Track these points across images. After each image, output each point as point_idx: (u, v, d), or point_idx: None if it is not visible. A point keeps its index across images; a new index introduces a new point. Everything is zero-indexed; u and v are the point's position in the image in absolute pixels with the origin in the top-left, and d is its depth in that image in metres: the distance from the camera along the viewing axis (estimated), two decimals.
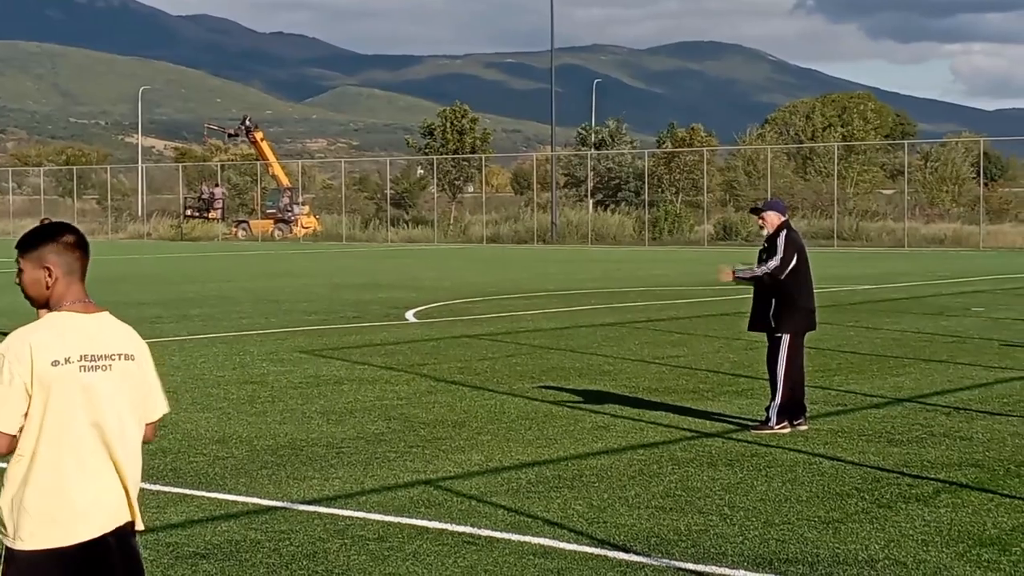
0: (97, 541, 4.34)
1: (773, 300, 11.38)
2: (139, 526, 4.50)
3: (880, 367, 15.63)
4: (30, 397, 4.25)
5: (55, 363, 4.26)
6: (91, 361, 4.33)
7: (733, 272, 11.64)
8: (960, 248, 56.93)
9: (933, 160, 74.17)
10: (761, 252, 11.50)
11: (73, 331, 4.35)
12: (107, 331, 4.43)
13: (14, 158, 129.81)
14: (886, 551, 7.39)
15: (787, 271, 11.27)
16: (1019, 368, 15.46)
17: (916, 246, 57.86)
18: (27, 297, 4.47)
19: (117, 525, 4.40)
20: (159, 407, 4.61)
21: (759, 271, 11.38)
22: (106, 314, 4.46)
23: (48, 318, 4.39)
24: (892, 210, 69.03)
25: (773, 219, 11.53)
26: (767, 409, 11.33)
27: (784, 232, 11.40)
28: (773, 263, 11.27)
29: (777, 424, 11.17)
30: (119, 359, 4.41)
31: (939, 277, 34.79)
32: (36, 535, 4.24)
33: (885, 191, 77.78)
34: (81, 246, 4.46)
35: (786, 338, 11.35)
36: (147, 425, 4.57)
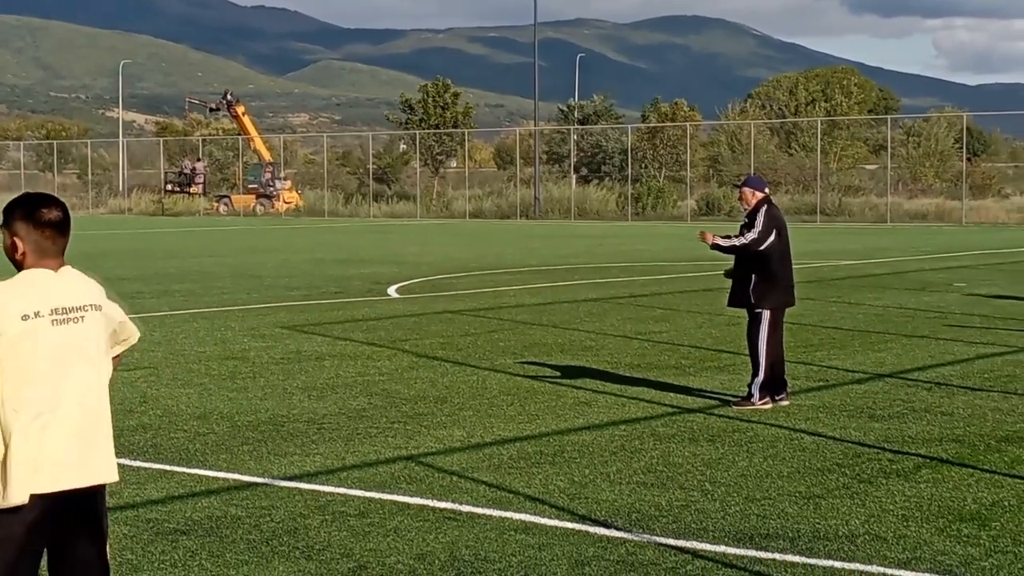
0: (69, 494, 4.47)
1: (753, 276, 11.38)
2: (113, 478, 4.62)
3: (862, 342, 15.65)
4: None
5: (25, 317, 4.40)
6: (62, 314, 4.50)
7: (713, 237, 11.62)
8: (943, 223, 57.08)
9: (916, 135, 74.28)
10: (742, 228, 11.51)
11: (43, 286, 4.51)
12: (74, 285, 4.61)
13: None
14: (866, 526, 7.40)
15: (765, 244, 11.27)
16: (1000, 344, 15.50)
17: (899, 221, 57.98)
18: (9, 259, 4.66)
19: (92, 483, 4.49)
20: (133, 334, 4.89)
21: (737, 242, 11.39)
22: (69, 267, 4.66)
23: (19, 275, 4.56)
24: (875, 185, 69.19)
25: (749, 195, 11.54)
26: (749, 385, 11.35)
27: (764, 207, 11.40)
28: (751, 235, 11.30)
29: (759, 400, 11.18)
30: (90, 310, 4.60)
31: (921, 252, 34.87)
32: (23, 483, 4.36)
33: (868, 166, 77.91)
34: (54, 224, 4.52)
35: (766, 314, 11.36)
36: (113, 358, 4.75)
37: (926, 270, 28.18)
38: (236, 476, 8.70)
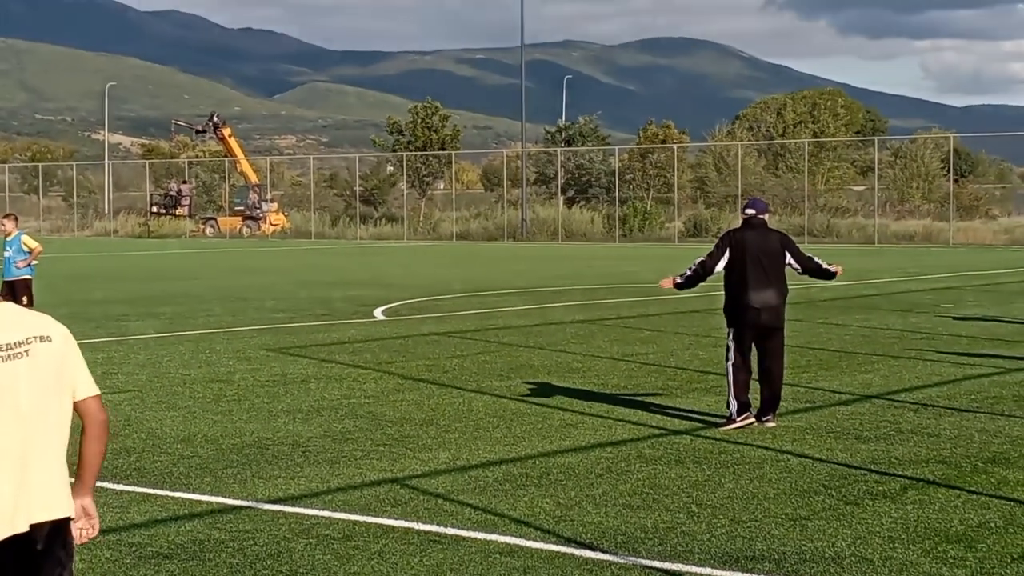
0: (21, 536, 4.21)
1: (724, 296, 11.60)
2: (69, 513, 4.35)
3: (849, 364, 15.65)
4: None
5: None
6: (7, 350, 4.24)
7: (671, 280, 11.77)
8: (930, 244, 57.21)
9: (903, 156, 74.48)
10: None
11: None
12: (19, 318, 4.35)
13: None
14: (853, 548, 7.37)
15: (717, 265, 11.38)
16: (987, 365, 15.50)
17: (886, 242, 58.10)
18: None
19: (46, 519, 4.25)
20: (84, 388, 4.54)
21: (689, 269, 11.59)
22: (11, 303, 4.40)
23: None
24: (862, 207, 69.30)
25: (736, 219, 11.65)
26: (727, 405, 11.41)
27: (729, 230, 11.59)
28: (699, 259, 11.53)
29: (738, 416, 11.19)
30: (36, 341, 4.32)
31: (909, 274, 34.91)
32: None
33: (856, 187, 78.09)
34: None
35: (729, 332, 11.56)
36: (90, 402, 4.50)
37: (913, 291, 28.21)
38: (220, 499, 8.65)
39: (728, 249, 11.48)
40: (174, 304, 24.99)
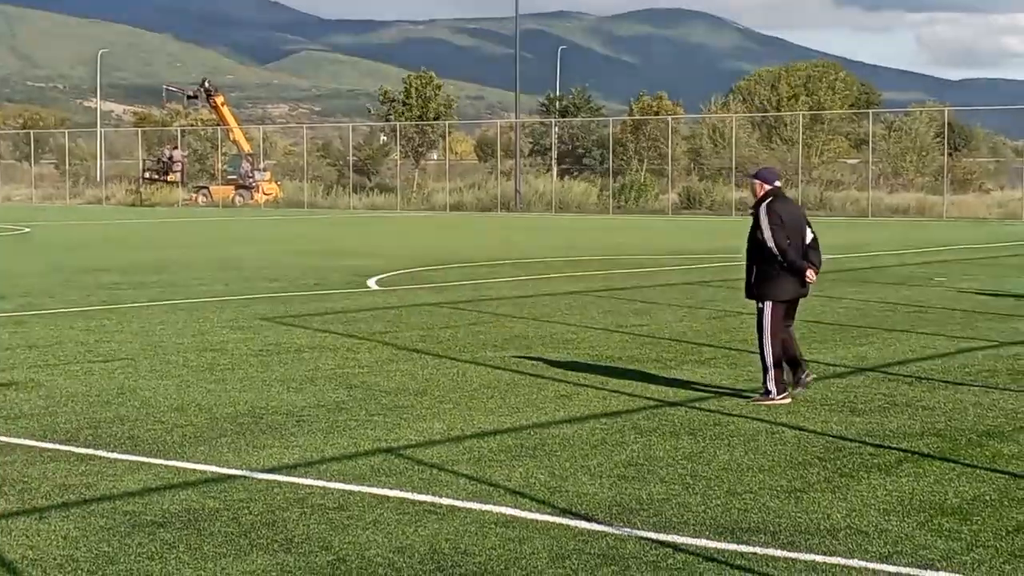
0: None
1: (754, 268, 11.21)
2: None
3: (843, 337, 15.64)
4: None
5: None
6: None
7: (814, 272, 11.26)
8: (924, 218, 57.23)
9: (897, 130, 74.37)
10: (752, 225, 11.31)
11: None
12: None
13: None
14: (848, 520, 7.37)
15: (782, 241, 11.04)
16: (981, 338, 15.51)
17: (880, 216, 58.10)
18: None
19: None
20: None
21: (778, 255, 11.07)
22: None
23: None
24: (856, 180, 69.27)
25: (757, 188, 11.38)
26: (764, 382, 11.16)
27: (766, 203, 11.20)
28: (769, 244, 11.03)
29: (779, 395, 11.02)
30: None
31: (903, 247, 34.92)
32: None
33: (850, 160, 77.97)
34: None
35: (768, 306, 11.20)
36: None
37: (907, 265, 28.22)
38: (214, 468, 8.63)
39: (781, 221, 11.18)
40: (167, 273, 24.94)
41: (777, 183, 11.41)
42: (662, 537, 7.03)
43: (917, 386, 12.01)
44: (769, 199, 11.22)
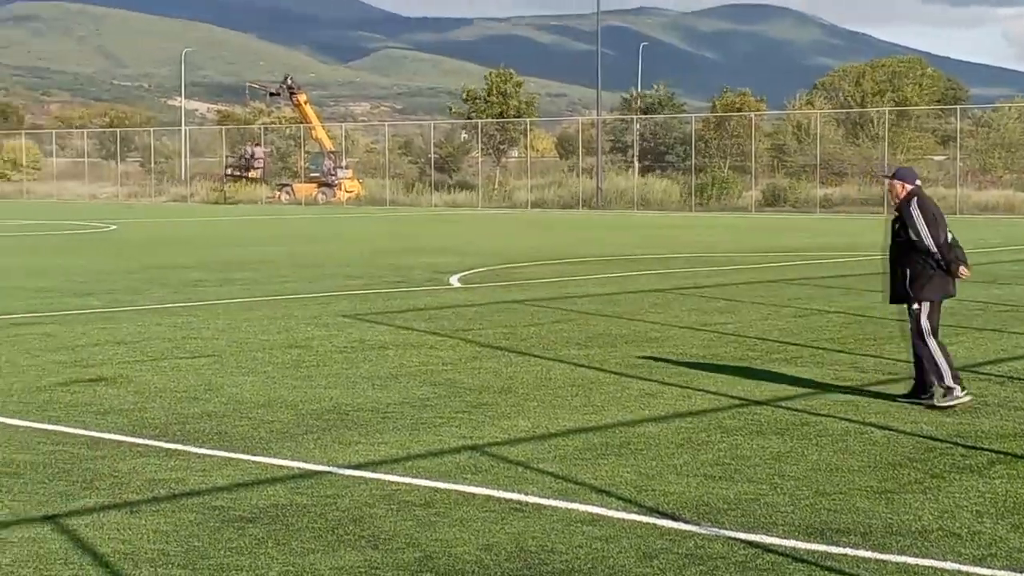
0: None
1: (908, 271, 10.94)
2: None
3: None
4: None
5: None
6: None
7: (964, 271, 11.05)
8: (1012, 215, 56.31)
9: (985, 126, 73.25)
10: (893, 221, 11.06)
11: None
12: None
13: (58, 120, 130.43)
14: (939, 522, 7.26)
15: (938, 238, 10.80)
16: None
17: (968, 213, 57.23)
18: None
19: None
20: None
21: (935, 252, 10.83)
22: None
23: None
24: (943, 177, 68.27)
25: (899, 188, 11.13)
26: (940, 383, 10.79)
27: (914, 201, 10.96)
28: (926, 241, 10.78)
29: (961, 392, 10.71)
30: None
31: (991, 245, 34.37)
32: None
33: (936, 157, 76.91)
34: None
35: (924, 307, 10.94)
36: None
37: (996, 263, 27.77)
38: (301, 464, 8.68)
39: (934, 218, 10.98)
40: (251, 270, 25.16)
41: (917, 182, 11.20)
42: (750, 537, 6.97)
43: (1009, 386, 11.81)
44: (914, 198, 11.03)
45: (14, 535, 6.99)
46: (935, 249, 10.83)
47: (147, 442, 9.37)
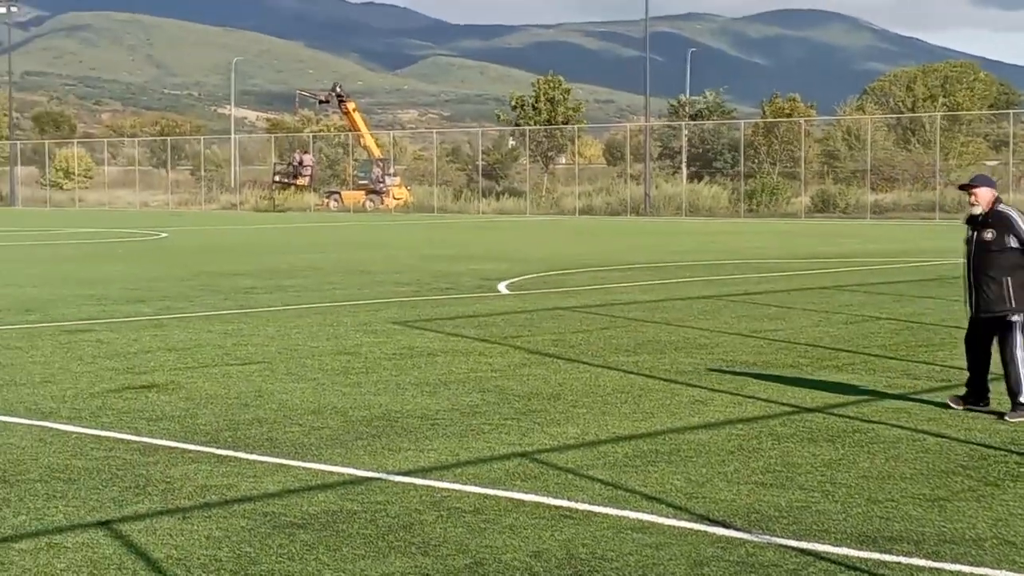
0: None
1: (1007, 280, 10.62)
2: None
3: None
4: None
5: None
6: None
7: None
8: None
9: None
10: (978, 227, 10.76)
11: None
12: None
13: (109, 129, 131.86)
14: (994, 530, 7.18)
15: None
16: None
17: None
18: None
19: None
20: None
21: None
22: None
23: None
24: (996, 182, 67.69)
25: (987, 195, 10.92)
26: (1020, 397, 10.62)
27: (1004, 207, 10.77)
28: None
29: None
30: None
31: None
32: None
33: (989, 163, 76.24)
34: None
35: (1020, 318, 10.66)
36: None
37: None
38: (351, 471, 8.70)
39: None
40: (300, 277, 25.29)
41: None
42: (803, 545, 6.92)
43: None
44: (1001, 204, 10.90)
45: (68, 540, 7.05)
46: None
47: (198, 448, 9.43)
